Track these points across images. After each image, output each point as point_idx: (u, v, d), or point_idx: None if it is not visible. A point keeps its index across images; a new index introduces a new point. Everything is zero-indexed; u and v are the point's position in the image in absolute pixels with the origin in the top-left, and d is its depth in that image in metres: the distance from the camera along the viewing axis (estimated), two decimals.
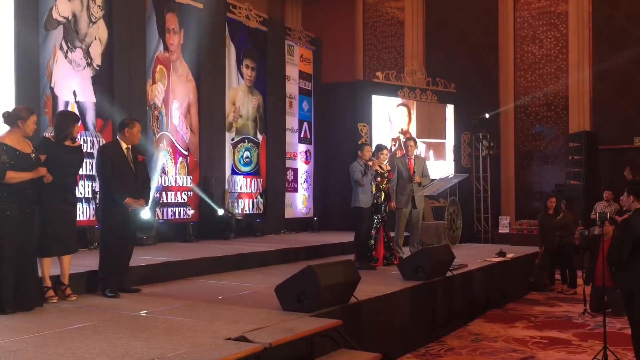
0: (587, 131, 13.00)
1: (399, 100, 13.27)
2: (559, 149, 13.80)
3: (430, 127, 13.72)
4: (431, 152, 13.62)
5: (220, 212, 10.30)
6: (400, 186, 8.27)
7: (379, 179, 7.85)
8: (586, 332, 6.81)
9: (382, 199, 7.90)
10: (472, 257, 8.91)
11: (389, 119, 13.21)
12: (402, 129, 13.28)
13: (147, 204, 6.03)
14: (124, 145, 5.77)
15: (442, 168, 13.16)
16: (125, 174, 5.69)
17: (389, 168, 8.09)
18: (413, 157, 8.47)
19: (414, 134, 12.99)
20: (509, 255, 9.21)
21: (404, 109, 13.44)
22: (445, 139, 13.89)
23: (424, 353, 5.96)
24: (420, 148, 13.35)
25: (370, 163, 7.66)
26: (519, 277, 9.43)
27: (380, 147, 8.09)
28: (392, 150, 12.60)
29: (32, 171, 4.87)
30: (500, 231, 13.37)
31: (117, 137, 5.89)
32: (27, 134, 4.96)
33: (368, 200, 7.68)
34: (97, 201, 5.94)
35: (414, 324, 6.20)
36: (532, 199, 14.00)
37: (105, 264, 5.65)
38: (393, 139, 12.93)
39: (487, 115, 13.98)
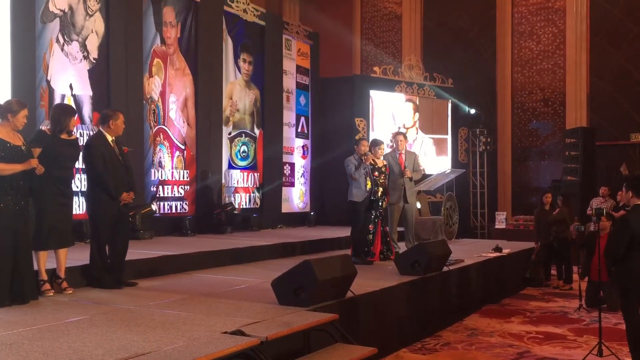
0: (584, 127, 13.02)
1: (401, 95, 13.29)
2: (556, 144, 13.82)
3: (433, 123, 13.77)
4: (434, 148, 13.67)
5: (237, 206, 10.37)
6: (392, 181, 8.23)
7: (376, 174, 7.84)
8: (581, 328, 6.83)
9: (380, 194, 7.90)
10: (468, 252, 8.92)
11: (392, 115, 13.23)
12: (404, 125, 13.30)
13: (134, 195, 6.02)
14: (109, 138, 5.72)
15: (444, 164, 13.22)
16: (116, 166, 5.67)
17: (385, 163, 8.08)
18: (404, 151, 8.45)
19: (419, 130, 13.06)
20: (505, 251, 9.22)
21: (411, 105, 13.47)
22: (447, 134, 13.93)
23: (420, 347, 5.97)
24: (427, 143, 13.42)
25: (364, 158, 7.66)
26: (515, 273, 9.45)
27: (376, 142, 8.08)
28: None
29: (23, 163, 4.86)
30: (496, 226, 13.40)
31: (101, 129, 5.79)
32: (17, 127, 4.93)
33: (361, 195, 7.67)
34: (86, 195, 5.89)
35: (410, 318, 6.21)
36: (529, 194, 14.03)
37: (97, 259, 5.63)
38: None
39: (472, 111, 14.05)
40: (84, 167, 6.22)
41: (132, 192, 5.77)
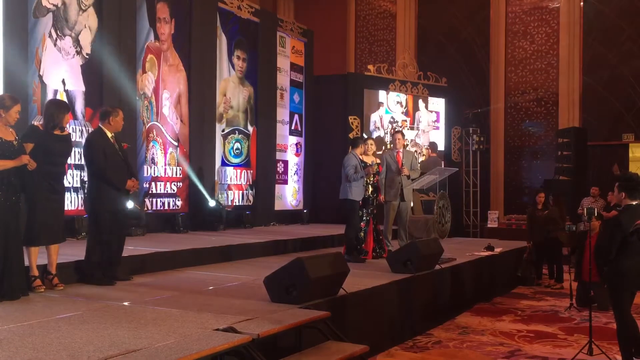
0: (577, 127, 13.08)
1: (396, 94, 13.28)
2: (549, 144, 13.88)
3: (428, 122, 13.76)
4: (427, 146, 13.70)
5: (212, 203, 10.28)
6: (389, 179, 8.28)
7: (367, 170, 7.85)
8: (572, 326, 6.87)
9: (371, 192, 7.92)
10: (460, 251, 8.95)
11: (388, 113, 13.22)
12: (404, 123, 13.32)
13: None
14: (108, 134, 5.76)
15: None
16: (117, 162, 5.73)
17: (377, 161, 8.10)
18: (401, 150, 8.48)
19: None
20: (497, 250, 9.26)
21: (409, 104, 13.45)
22: (441, 133, 13.94)
23: (412, 345, 5.99)
24: (420, 142, 13.45)
25: (367, 169, 7.69)
26: (506, 271, 9.49)
27: (367, 138, 8.14)
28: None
29: (15, 159, 4.84)
30: (489, 225, 13.44)
31: (101, 125, 5.83)
32: (9, 123, 4.91)
33: (361, 193, 7.70)
34: (86, 191, 5.92)
35: (402, 316, 6.23)
36: (521, 193, 14.08)
37: (93, 255, 5.62)
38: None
39: (479, 110, 14.08)
40: (81, 163, 6.24)
41: (137, 180, 5.96)
